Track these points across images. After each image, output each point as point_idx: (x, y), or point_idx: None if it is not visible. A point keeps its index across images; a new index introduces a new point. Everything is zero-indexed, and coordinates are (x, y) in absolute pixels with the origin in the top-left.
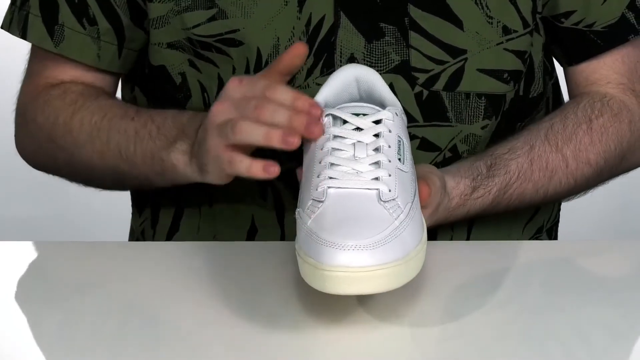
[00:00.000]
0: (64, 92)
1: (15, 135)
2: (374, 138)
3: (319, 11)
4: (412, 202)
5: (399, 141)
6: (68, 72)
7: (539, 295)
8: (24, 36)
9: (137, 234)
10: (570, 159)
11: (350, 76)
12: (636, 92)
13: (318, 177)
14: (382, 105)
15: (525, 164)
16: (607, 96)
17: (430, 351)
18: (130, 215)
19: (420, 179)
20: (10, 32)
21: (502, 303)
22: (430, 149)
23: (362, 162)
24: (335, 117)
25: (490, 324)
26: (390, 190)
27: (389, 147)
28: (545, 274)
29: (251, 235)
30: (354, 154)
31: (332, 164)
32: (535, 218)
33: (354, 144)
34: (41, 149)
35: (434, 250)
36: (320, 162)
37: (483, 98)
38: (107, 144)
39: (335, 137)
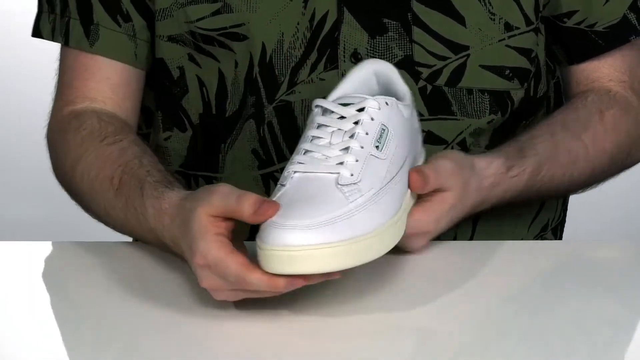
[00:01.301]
0: (80, 125)
1: (47, 146)
2: (354, 125)
3: (323, 7)
4: (382, 188)
5: (382, 129)
6: (94, 82)
7: (541, 294)
8: (66, 42)
9: None
10: (590, 146)
11: (369, 71)
12: (636, 91)
13: (290, 163)
14: (397, 98)
15: (551, 148)
16: (612, 91)
17: (432, 349)
18: None
19: (427, 165)
20: (55, 41)
21: (503, 302)
22: (437, 142)
23: (333, 148)
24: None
25: (492, 322)
26: (352, 175)
27: (366, 134)
28: (548, 273)
29: (253, 234)
30: (330, 141)
31: (306, 151)
32: (539, 216)
33: (332, 132)
34: (59, 173)
35: (436, 250)
36: (297, 150)
37: (486, 94)
38: (104, 210)
39: (319, 125)
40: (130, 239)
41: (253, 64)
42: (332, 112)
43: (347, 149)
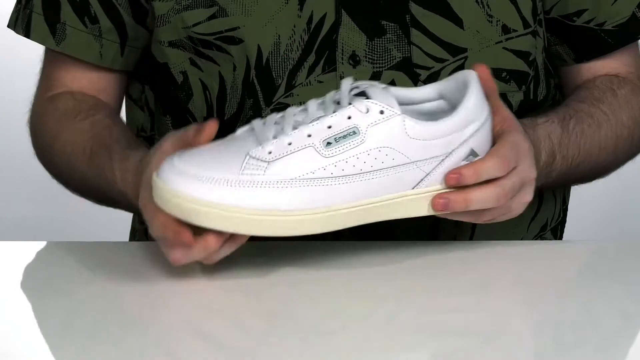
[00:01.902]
0: (55, 108)
1: (29, 132)
2: (330, 115)
3: (320, 9)
4: (302, 180)
5: (351, 132)
6: (73, 74)
7: (542, 294)
8: (27, 35)
9: (140, 233)
10: (609, 114)
11: (466, 77)
12: None
13: (265, 116)
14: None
15: (571, 110)
16: (620, 76)
17: (433, 348)
18: (131, 216)
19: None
20: (16, 31)
21: (504, 302)
22: None
23: (289, 124)
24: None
25: (492, 322)
26: (270, 153)
27: (329, 127)
28: (548, 272)
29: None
30: (304, 118)
31: (283, 115)
32: (538, 216)
33: (316, 111)
34: (40, 156)
35: (436, 250)
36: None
37: None
38: (80, 182)
39: (323, 101)
40: (127, 239)
41: (250, 67)
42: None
43: (296, 129)
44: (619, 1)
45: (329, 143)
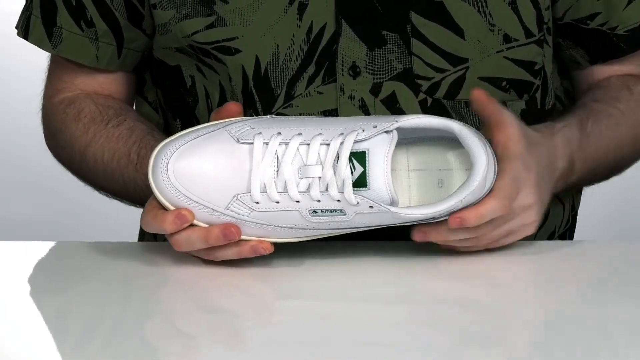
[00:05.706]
0: (78, 113)
1: (43, 132)
2: (322, 192)
3: (320, 19)
4: (279, 226)
5: (339, 210)
6: (85, 77)
7: (548, 295)
8: (25, 37)
9: (149, 237)
10: (626, 112)
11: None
12: None
13: (289, 117)
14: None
15: (588, 110)
16: (635, 75)
17: (435, 350)
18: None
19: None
20: (17, 33)
21: (509, 303)
22: None
23: (280, 179)
24: None
25: (495, 323)
26: (257, 203)
27: (317, 201)
28: (555, 273)
29: None
30: (326, 137)
31: (283, 151)
32: (546, 223)
33: (340, 135)
34: (65, 160)
35: (438, 250)
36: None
37: None
38: (124, 187)
39: (324, 139)
40: (129, 240)
41: (247, 77)
42: (375, 126)
43: (285, 192)
44: (630, 7)
45: (314, 211)
